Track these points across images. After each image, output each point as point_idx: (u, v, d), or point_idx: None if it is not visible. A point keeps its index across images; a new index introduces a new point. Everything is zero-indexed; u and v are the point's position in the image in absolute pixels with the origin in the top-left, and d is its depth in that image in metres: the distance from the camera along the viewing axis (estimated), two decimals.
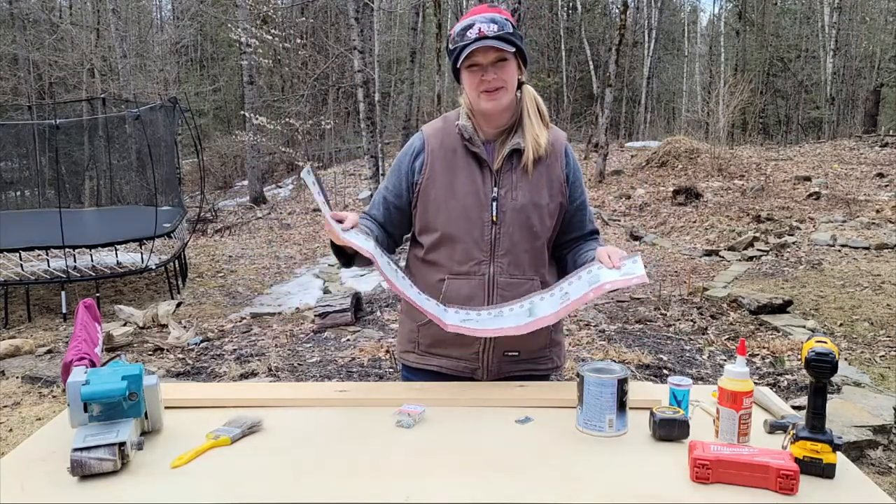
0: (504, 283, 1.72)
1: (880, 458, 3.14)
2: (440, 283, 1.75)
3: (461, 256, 1.73)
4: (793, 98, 25.70)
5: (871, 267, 7.19)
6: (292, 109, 18.05)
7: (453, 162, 1.74)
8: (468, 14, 1.71)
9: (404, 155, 1.81)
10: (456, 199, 1.72)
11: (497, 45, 1.63)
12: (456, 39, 1.67)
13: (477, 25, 1.64)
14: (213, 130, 23.45)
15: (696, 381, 4.09)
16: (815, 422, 1.26)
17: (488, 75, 1.65)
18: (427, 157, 1.76)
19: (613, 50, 14.25)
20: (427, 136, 1.79)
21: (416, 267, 1.84)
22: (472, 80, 1.68)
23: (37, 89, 18.78)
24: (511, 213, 1.71)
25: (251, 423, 1.46)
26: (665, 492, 1.20)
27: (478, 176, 1.73)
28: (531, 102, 1.76)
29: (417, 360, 1.85)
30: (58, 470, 1.27)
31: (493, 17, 1.66)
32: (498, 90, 1.67)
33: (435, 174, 1.74)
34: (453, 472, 1.28)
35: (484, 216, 1.72)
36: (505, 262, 1.72)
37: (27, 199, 11.31)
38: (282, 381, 4.31)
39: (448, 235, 1.73)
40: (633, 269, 1.50)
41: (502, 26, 1.65)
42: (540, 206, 1.73)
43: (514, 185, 1.72)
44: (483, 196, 1.72)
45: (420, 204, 1.77)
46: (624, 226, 10.65)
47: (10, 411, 4.04)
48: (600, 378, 1.43)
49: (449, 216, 1.73)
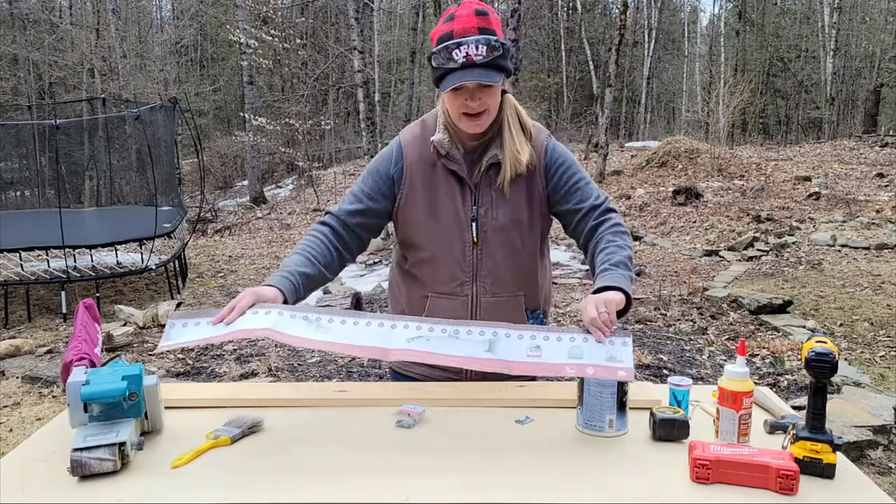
0: (488, 303, 1.70)
1: (880, 458, 3.14)
2: (424, 300, 1.73)
3: (443, 277, 1.69)
4: (793, 98, 25.71)
5: (871, 267, 7.19)
6: (292, 109, 18.05)
7: (432, 178, 1.67)
8: (456, 22, 1.55)
9: (384, 160, 1.72)
10: (436, 219, 1.67)
11: (485, 79, 1.53)
12: (440, 56, 1.54)
13: (465, 48, 1.51)
14: (213, 130, 23.46)
15: (696, 381, 4.09)
16: (815, 422, 1.26)
17: (472, 101, 1.56)
18: (406, 169, 1.68)
19: (613, 50, 14.25)
20: (405, 146, 1.71)
21: (401, 276, 1.81)
22: (453, 102, 1.59)
23: (37, 89, 18.79)
24: (492, 234, 1.66)
25: (251, 423, 1.46)
26: (665, 492, 1.20)
27: (457, 193, 1.67)
28: (512, 114, 1.67)
29: (401, 366, 1.85)
30: (58, 470, 1.27)
31: (481, 37, 1.52)
32: (481, 114, 1.59)
33: (414, 189, 1.68)
34: (453, 472, 1.27)
35: (465, 237, 1.67)
36: (488, 282, 1.69)
37: (27, 199, 11.31)
38: (282, 381, 4.31)
39: (429, 256, 1.69)
40: (621, 356, 1.34)
41: (492, 47, 1.52)
42: (521, 223, 1.68)
43: (493, 202, 1.66)
44: (463, 215, 1.66)
45: (400, 218, 1.72)
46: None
47: (10, 411, 4.04)
48: (600, 378, 1.43)
49: (430, 237, 1.68)
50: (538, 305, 1.79)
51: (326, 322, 1.38)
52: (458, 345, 1.32)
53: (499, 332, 1.35)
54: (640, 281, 7.21)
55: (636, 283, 7.09)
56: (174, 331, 1.38)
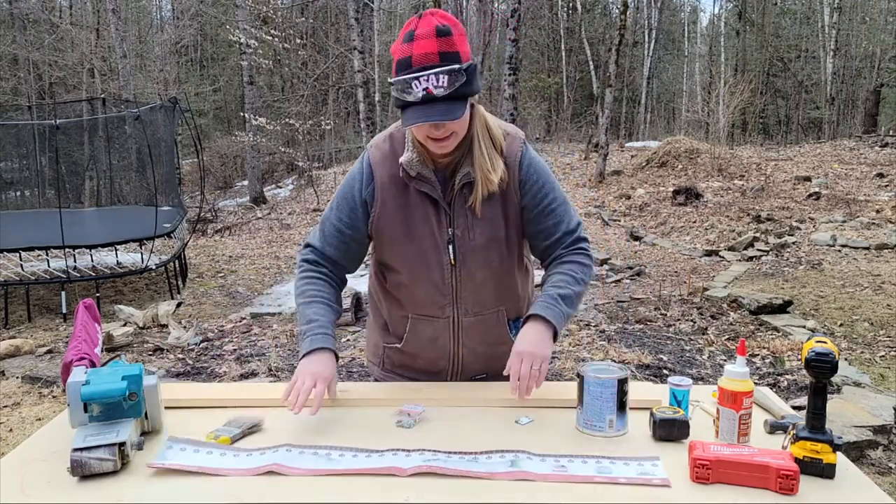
0: (469, 322, 1.68)
1: (880, 458, 3.14)
2: (405, 320, 1.71)
3: (422, 300, 1.66)
4: (793, 98, 25.71)
5: (871, 267, 7.19)
6: (292, 109, 18.06)
7: (404, 198, 1.60)
8: (416, 45, 1.41)
9: (354, 181, 1.64)
10: (412, 241, 1.60)
11: (446, 116, 1.42)
12: (398, 87, 1.43)
13: (424, 81, 1.40)
14: (213, 130, 23.46)
15: (696, 381, 4.09)
16: (815, 422, 1.26)
17: (437, 131, 1.47)
18: (377, 191, 1.61)
19: (613, 50, 14.25)
20: (374, 165, 1.62)
21: (381, 291, 1.76)
22: (418, 131, 1.51)
23: (37, 89, 18.79)
24: (470, 254, 1.61)
25: (251, 423, 1.46)
26: (665, 492, 1.20)
27: (432, 215, 1.59)
28: (482, 129, 1.57)
29: (383, 375, 1.83)
30: (58, 470, 1.27)
31: (442, 68, 1.40)
32: (448, 138, 1.50)
33: (387, 211, 1.61)
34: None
35: (442, 259, 1.61)
36: (469, 302, 1.65)
37: (27, 199, 11.32)
38: (282, 381, 4.30)
39: (407, 280, 1.65)
40: (654, 472, 1.27)
41: (454, 77, 1.41)
42: (499, 240, 1.62)
43: (469, 222, 1.59)
44: (439, 237, 1.60)
45: (376, 239, 1.66)
46: (624, 226, 10.65)
47: (10, 411, 4.04)
48: (600, 378, 1.43)
49: (406, 259, 1.63)
50: (521, 313, 1.74)
51: (337, 456, 1.33)
52: (479, 465, 1.29)
53: (520, 455, 1.32)
54: (640, 281, 7.21)
55: (636, 282, 7.10)
56: (171, 452, 1.34)
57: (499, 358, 1.61)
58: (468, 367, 1.74)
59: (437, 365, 1.74)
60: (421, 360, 1.75)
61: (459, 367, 1.74)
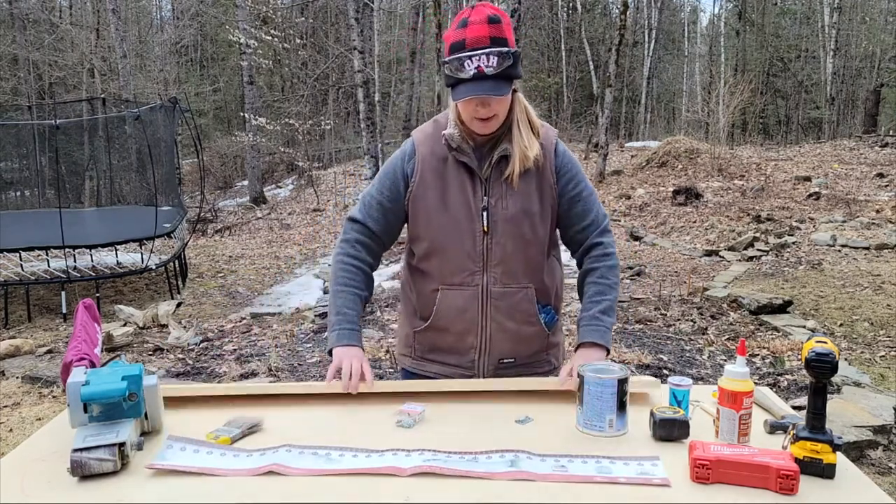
0: (498, 292, 1.72)
1: (880, 458, 3.14)
2: (434, 294, 1.75)
3: (453, 267, 1.72)
4: (793, 98, 25.71)
5: (871, 267, 7.19)
6: (292, 109, 18.07)
7: (443, 171, 1.72)
8: (469, 30, 1.58)
9: (397, 159, 1.78)
10: (447, 210, 1.70)
11: (495, 92, 1.58)
12: (452, 66, 1.59)
13: (476, 60, 1.56)
14: (213, 130, 23.46)
15: (696, 381, 4.09)
16: (815, 422, 1.26)
17: (483, 108, 1.62)
18: (417, 164, 1.73)
19: (613, 50, 14.26)
20: (417, 143, 1.76)
21: (410, 273, 1.84)
22: (465, 108, 1.64)
23: (37, 89, 18.79)
24: (502, 224, 1.69)
25: (251, 423, 1.47)
26: (665, 492, 1.20)
27: (468, 185, 1.70)
28: (521, 112, 1.72)
29: (414, 365, 1.86)
30: (58, 470, 1.27)
31: (493, 49, 1.57)
32: (491, 118, 1.64)
33: (426, 183, 1.72)
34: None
35: (475, 227, 1.70)
36: (498, 271, 1.71)
37: (27, 199, 11.32)
38: (282, 381, 4.31)
39: (439, 246, 1.72)
40: (654, 472, 1.28)
41: (503, 58, 1.57)
42: (531, 213, 1.71)
43: (503, 193, 1.69)
44: (474, 206, 1.70)
45: (411, 211, 1.75)
46: (624, 226, 10.65)
47: (10, 411, 4.04)
48: (600, 378, 1.43)
49: (440, 227, 1.71)
50: (549, 301, 1.80)
51: (337, 456, 1.34)
52: (478, 465, 1.29)
53: (520, 454, 1.33)
54: (640, 281, 7.21)
55: (636, 282, 7.10)
56: (171, 452, 1.34)
57: (527, 341, 1.75)
58: (496, 345, 1.75)
59: (465, 341, 1.75)
60: (450, 337, 1.77)
61: (488, 345, 1.75)
